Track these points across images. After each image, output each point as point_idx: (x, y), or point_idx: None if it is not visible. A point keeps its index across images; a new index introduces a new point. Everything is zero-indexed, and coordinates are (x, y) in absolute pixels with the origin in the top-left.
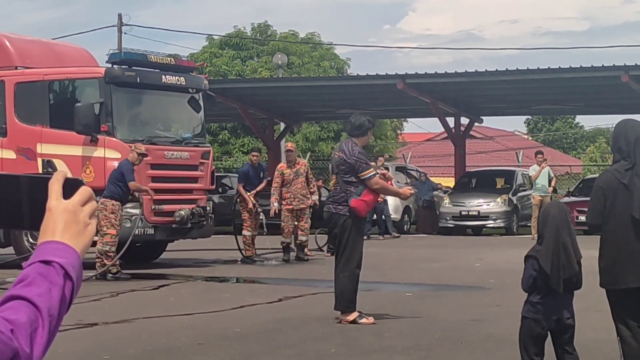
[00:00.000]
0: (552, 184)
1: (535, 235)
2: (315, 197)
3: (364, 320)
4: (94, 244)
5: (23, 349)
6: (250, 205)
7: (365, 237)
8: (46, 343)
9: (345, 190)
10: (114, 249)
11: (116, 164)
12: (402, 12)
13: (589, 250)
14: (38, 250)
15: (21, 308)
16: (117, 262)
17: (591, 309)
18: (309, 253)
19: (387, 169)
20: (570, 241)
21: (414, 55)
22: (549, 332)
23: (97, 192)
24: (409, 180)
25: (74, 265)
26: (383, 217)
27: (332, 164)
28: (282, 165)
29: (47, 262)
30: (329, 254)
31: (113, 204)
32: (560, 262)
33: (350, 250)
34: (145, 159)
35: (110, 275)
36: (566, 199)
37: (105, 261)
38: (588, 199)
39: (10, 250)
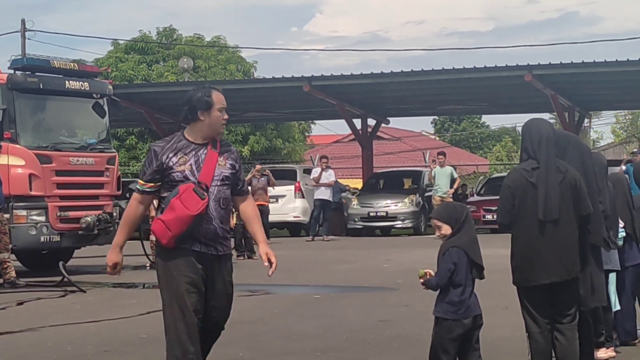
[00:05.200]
0: (455, 185)
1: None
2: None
3: None
4: None
5: None
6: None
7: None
8: None
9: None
10: None
11: (20, 170)
12: (310, 14)
13: (497, 248)
14: None
15: None
16: (14, 269)
17: (498, 307)
18: (239, 258)
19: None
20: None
21: (321, 58)
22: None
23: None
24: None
25: None
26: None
27: None
28: None
29: None
30: (241, 258)
31: None
32: (479, 253)
33: (161, 293)
34: (50, 165)
35: (7, 284)
36: (472, 198)
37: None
38: (494, 197)
39: None
